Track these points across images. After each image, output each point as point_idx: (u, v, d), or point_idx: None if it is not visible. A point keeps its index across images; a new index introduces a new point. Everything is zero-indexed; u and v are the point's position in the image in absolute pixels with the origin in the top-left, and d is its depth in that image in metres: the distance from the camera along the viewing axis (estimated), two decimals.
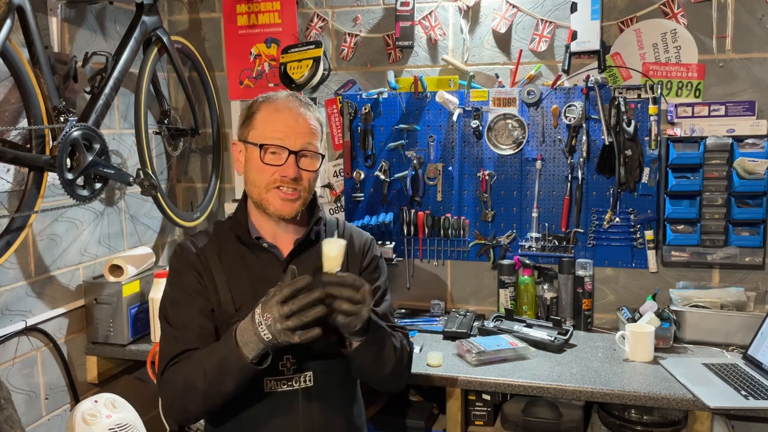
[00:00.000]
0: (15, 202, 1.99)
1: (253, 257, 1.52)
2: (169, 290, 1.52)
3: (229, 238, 1.54)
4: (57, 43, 2.17)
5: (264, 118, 1.49)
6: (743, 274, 2.35)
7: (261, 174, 1.46)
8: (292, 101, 1.51)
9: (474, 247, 2.60)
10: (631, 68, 2.39)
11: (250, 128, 1.50)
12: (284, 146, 1.45)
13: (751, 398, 1.80)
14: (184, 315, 1.47)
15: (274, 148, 1.45)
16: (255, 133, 1.48)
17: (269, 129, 1.47)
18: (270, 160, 1.45)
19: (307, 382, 1.47)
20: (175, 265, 1.53)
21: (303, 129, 1.48)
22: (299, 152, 1.46)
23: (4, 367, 2.02)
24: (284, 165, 1.45)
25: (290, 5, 2.68)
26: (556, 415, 2.12)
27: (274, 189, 1.47)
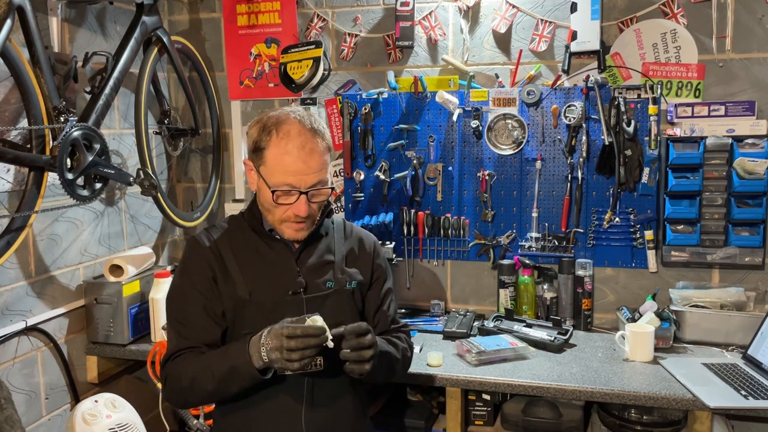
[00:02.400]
0: (15, 202, 1.99)
1: (265, 246, 1.58)
2: (178, 282, 1.58)
3: (243, 229, 1.61)
4: (57, 43, 2.18)
5: (274, 158, 1.49)
6: (743, 274, 2.35)
7: (274, 209, 1.52)
8: (302, 136, 1.50)
9: (474, 247, 2.60)
10: (631, 68, 2.39)
11: (260, 162, 1.52)
12: (296, 188, 1.49)
13: (751, 398, 1.80)
14: (189, 310, 1.53)
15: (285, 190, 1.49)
16: (266, 171, 1.51)
17: (280, 172, 1.49)
18: (282, 200, 1.50)
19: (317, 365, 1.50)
20: (187, 259, 1.59)
21: (313, 168, 1.50)
22: (309, 191, 1.50)
23: (4, 367, 2.02)
24: (295, 204, 1.50)
25: (290, 5, 2.68)
26: (556, 415, 2.12)
27: (285, 222, 1.53)
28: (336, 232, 1.68)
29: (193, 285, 1.54)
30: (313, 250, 1.61)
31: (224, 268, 1.55)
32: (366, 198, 2.68)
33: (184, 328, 1.53)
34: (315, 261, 1.60)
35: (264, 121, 1.54)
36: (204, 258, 1.56)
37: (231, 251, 1.57)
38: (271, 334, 1.37)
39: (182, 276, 1.58)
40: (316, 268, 1.59)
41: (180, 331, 1.53)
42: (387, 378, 1.65)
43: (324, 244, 1.63)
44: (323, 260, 1.61)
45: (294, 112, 1.54)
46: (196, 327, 1.52)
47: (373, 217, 2.64)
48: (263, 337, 1.39)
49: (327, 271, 1.60)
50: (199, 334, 1.52)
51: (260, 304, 1.52)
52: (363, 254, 1.68)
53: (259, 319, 1.50)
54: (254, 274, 1.55)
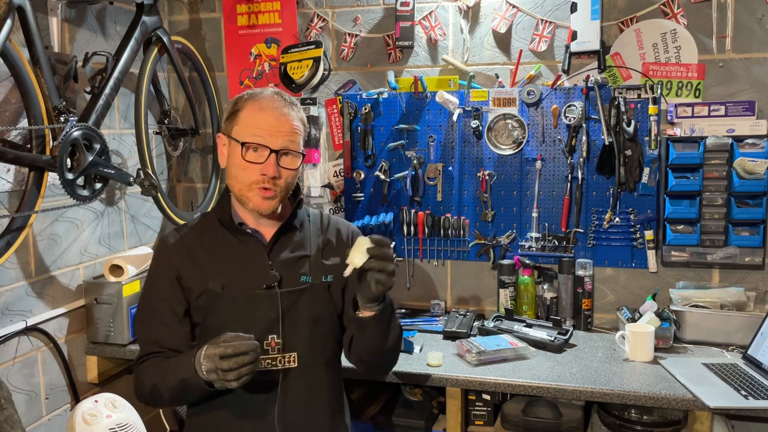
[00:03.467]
0: (15, 202, 1.99)
1: (236, 241, 1.58)
2: (145, 285, 1.62)
3: (213, 225, 1.61)
4: (57, 43, 2.18)
5: (248, 116, 1.52)
6: (743, 274, 2.35)
7: (243, 171, 1.50)
8: (276, 100, 1.54)
9: (474, 247, 2.60)
10: (631, 68, 2.39)
11: (233, 124, 1.53)
12: (266, 145, 1.49)
13: (751, 398, 1.80)
14: (153, 314, 1.56)
15: (255, 146, 1.49)
16: (238, 130, 1.52)
17: (252, 127, 1.50)
18: (251, 158, 1.49)
19: (291, 362, 1.53)
20: (154, 261, 1.62)
21: (285, 128, 1.51)
22: (280, 151, 1.50)
23: (4, 367, 2.02)
24: (265, 163, 1.49)
25: (290, 5, 2.68)
26: (556, 415, 2.12)
27: (255, 188, 1.51)
28: (312, 224, 1.66)
29: (156, 289, 1.57)
30: (286, 243, 1.59)
31: (193, 263, 1.55)
32: (366, 198, 2.68)
33: (149, 332, 1.56)
34: (288, 255, 1.58)
35: (240, 95, 1.58)
36: (167, 259, 1.58)
37: (201, 246, 1.57)
38: (207, 355, 1.38)
39: (148, 280, 1.62)
40: (291, 262, 1.58)
41: (145, 335, 1.57)
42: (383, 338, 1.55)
43: (298, 237, 1.62)
44: (297, 254, 1.59)
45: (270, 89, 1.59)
46: (159, 332, 1.55)
47: (373, 217, 2.64)
48: (201, 356, 1.39)
49: (302, 265, 1.59)
50: (163, 338, 1.54)
51: (233, 299, 1.53)
52: (341, 244, 1.66)
53: (233, 313, 1.52)
54: (226, 268, 1.55)
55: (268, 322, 1.52)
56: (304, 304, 1.55)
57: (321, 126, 2.72)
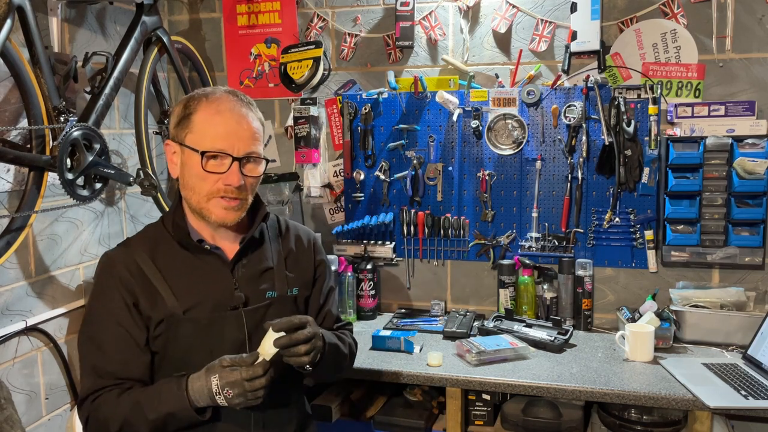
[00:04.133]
0: (15, 202, 1.99)
1: (195, 260, 1.45)
2: (93, 312, 1.43)
3: (164, 240, 1.46)
4: (57, 43, 2.17)
5: (203, 121, 1.37)
6: (743, 274, 2.35)
7: (202, 182, 1.37)
8: (233, 100, 1.41)
9: (474, 247, 2.60)
10: (631, 68, 2.39)
11: (187, 131, 1.39)
12: (227, 152, 1.36)
13: (751, 398, 1.80)
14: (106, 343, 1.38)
15: (216, 155, 1.36)
16: (194, 138, 1.38)
17: (210, 134, 1.36)
18: (212, 168, 1.36)
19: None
20: (101, 283, 1.43)
21: (246, 133, 1.39)
22: (243, 158, 1.38)
23: (4, 367, 2.02)
24: (227, 173, 1.36)
25: (290, 5, 2.68)
26: (556, 415, 2.12)
27: (215, 198, 1.39)
28: (271, 234, 1.55)
29: (110, 314, 1.39)
30: (249, 258, 1.48)
31: (149, 287, 1.40)
32: (366, 198, 2.68)
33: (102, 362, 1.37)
34: (252, 270, 1.47)
35: (190, 95, 1.43)
36: (121, 281, 1.40)
37: (155, 267, 1.42)
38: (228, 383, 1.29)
39: (96, 303, 1.42)
40: (254, 278, 1.47)
41: (97, 366, 1.38)
42: (335, 372, 1.57)
43: (260, 250, 1.51)
44: (261, 267, 1.49)
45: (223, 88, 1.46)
46: (115, 361, 1.37)
47: (373, 217, 2.64)
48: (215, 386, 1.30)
49: (266, 279, 1.49)
50: (122, 369, 1.38)
51: (196, 322, 1.40)
52: (302, 252, 1.58)
53: (196, 338, 1.40)
54: (185, 290, 1.41)
55: (235, 344, 1.42)
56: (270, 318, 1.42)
57: (321, 126, 2.72)
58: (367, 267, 2.59)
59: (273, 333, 1.31)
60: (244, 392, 1.29)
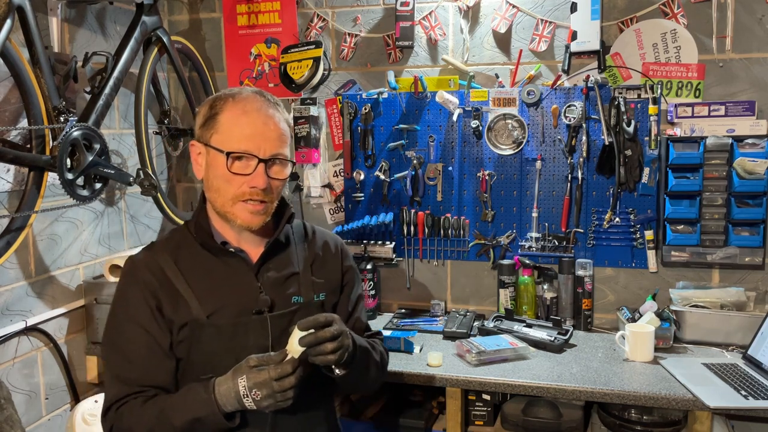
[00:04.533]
0: (15, 202, 1.99)
1: (219, 263, 1.41)
2: (116, 317, 1.39)
3: (188, 244, 1.43)
4: (57, 43, 2.18)
5: (230, 121, 1.35)
6: (743, 274, 2.35)
7: (227, 184, 1.35)
8: (260, 101, 1.38)
9: (474, 247, 2.60)
10: (631, 68, 2.39)
11: (212, 131, 1.37)
12: (253, 154, 1.33)
13: (751, 398, 1.80)
14: (131, 349, 1.35)
15: (242, 156, 1.34)
16: (219, 138, 1.35)
17: (236, 134, 1.34)
18: (237, 169, 1.34)
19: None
20: (125, 288, 1.40)
21: (273, 134, 1.36)
22: (269, 160, 1.35)
23: (4, 367, 2.02)
24: (253, 174, 1.34)
25: (290, 5, 2.68)
26: (556, 415, 2.12)
27: (241, 202, 1.36)
28: (296, 238, 1.51)
29: (134, 319, 1.35)
30: (274, 261, 1.44)
31: (173, 291, 1.37)
32: (366, 198, 2.68)
33: (127, 369, 1.34)
34: (277, 274, 1.43)
35: (216, 95, 1.41)
36: (145, 285, 1.37)
37: (179, 271, 1.38)
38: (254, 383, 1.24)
39: (120, 308, 1.39)
40: (280, 282, 1.43)
41: (122, 374, 1.34)
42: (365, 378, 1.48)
43: (285, 254, 1.47)
44: (286, 272, 1.45)
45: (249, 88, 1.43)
46: (140, 367, 1.34)
47: (373, 217, 2.64)
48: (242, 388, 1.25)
49: (292, 284, 1.45)
50: (146, 375, 1.34)
51: (219, 327, 1.36)
52: (330, 258, 1.54)
53: (219, 343, 1.36)
54: (209, 294, 1.38)
55: (260, 350, 1.35)
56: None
57: (321, 126, 2.72)
58: (367, 267, 2.59)
59: (299, 331, 1.28)
60: (273, 393, 1.24)
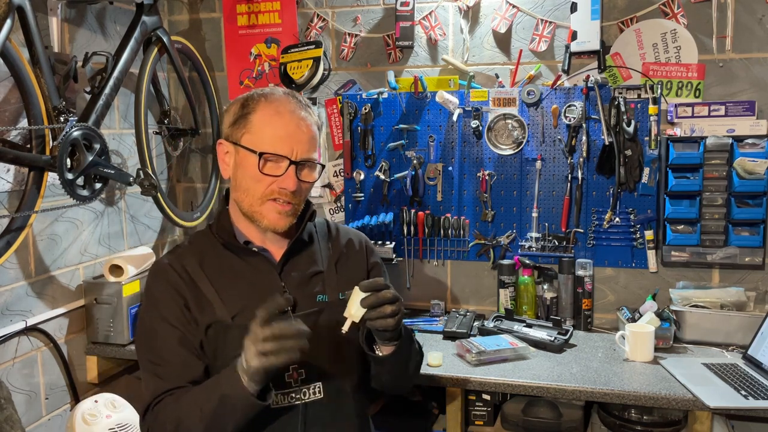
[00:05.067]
0: (15, 202, 1.99)
1: (242, 263, 1.41)
2: (147, 319, 1.39)
3: (211, 246, 1.43)
4: (57, 43, 2.17)
5: (262, 121, 1.35)
6: (743, 274, 2.35)
7: (256, 183, 1.35)
8: (292, 102, 1.39)
9: (474, 247, 2.60)
10: (631, 68, 2.39)
11: (244, 130, 1.37)
12: (285, 156, 1.33)
13: (751, 398, 1.80)
14: (164, 348, 1.34)
15: (273, 157, 1.33)
16: (251, 138, 1.35)
17: (269, 135, 1.34)
18: (269, 170, 1.33)
19: (316, 394, 1.38)
20: (152, 289, 1.40)
21: (305, 137, 1.36)
22: (300, 162, 1.35)
23: (4, 367, 2.02)
24: (284, 176, 1.34)
25: (290, 5, 2.68)
26: (556, 415, 2.12)
27: (269, 201, 1.36)
28: (320, 236, 1.51)
29: (164, 318, 1.35)
30: (298, 260, 1.44)
31: (198, 292, 1.37)
32: (366, 198, 2.68)
33: (161, 368, 1.33)
34: (301, 273, 1.43)
35: (248, 95, 1.42)
36: (172, 285, 1.37)
37: (203, 273, 1.38)
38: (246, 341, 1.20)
39: (149, 309, 1.38)
40: (304, 282, 1.42)
41: (157, 373, 1.33)
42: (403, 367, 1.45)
43: (309, 252, 1.46)
44: (310, 271, 1.44)
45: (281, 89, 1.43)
46: (175, 365, 1.33)
47: (373, 217, 2.64)
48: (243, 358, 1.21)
49: (316, 283, 1.44)
50: (180, 372, 1.33)
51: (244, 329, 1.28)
52: (354, 255, 1.53)
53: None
54: (234, 295, 1.37)
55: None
56: (323, 326, 1.37)
57: (321, 126, 2.72)
58: None
59: (360, 293, 1.27)
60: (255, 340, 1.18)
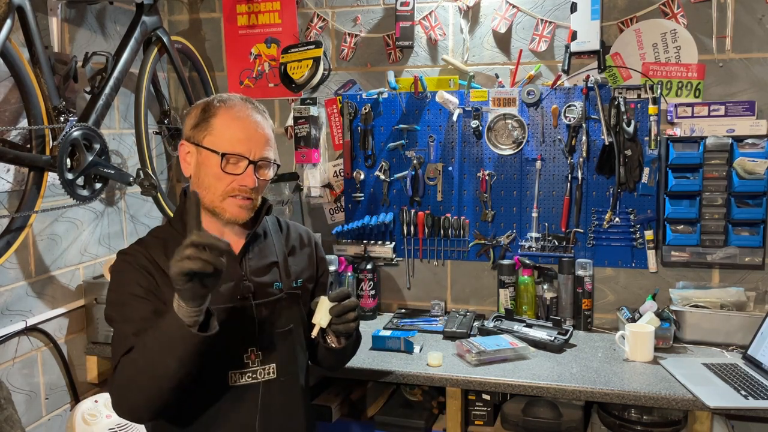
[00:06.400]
0: (15, 202, 1.99)
1: None
2: (115, 294, 1.44)
3: (173, 238, 1.49)
4: (57, 43, 2.18)
5: (223, 125, 1.47)
6: (743, 274, 2.35)
7: (218, 182, 1.46)
8: (249, 108, 1.51)
9: (474, 247, 2.60)
10: (631, 68, 2.39)
11: (205, 133, 1.47)
12: (245, 156, 1.46)
13: (751, 398, 1.80)
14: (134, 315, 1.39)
15: (233, 158, 1.45)
16: (213, 140, 1.46)
17: (228, 137, 1.46)
18: (230, 169, 1.45)
19: (270, 374, 1.52)
20: (120, 269, 1.46)
21: (262, 139, 1.49)
22: (258, 162, 1.48)
23: (4, 367, 2.02)
24: (243, 174, 1.46)
25: (290, 5, 2.68)
26: (556, 415, 2.12)
27: (230, 197, 1.47)
28: (273, 231, 1.64)
29: (132, 293, 1.41)
30: (255, 252, 1.57)
31: (165, 279, 1.42)
32: (366, 198, 2.68)
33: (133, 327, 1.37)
34: (259, 263, 1.56)
35: (208, 100, 1.52)
36: (142, 267, 1.44)
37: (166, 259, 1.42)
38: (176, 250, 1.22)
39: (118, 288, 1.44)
40: (262, 271, 1.56)
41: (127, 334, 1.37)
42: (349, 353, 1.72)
43: (264, 244, 1.60)
44: (266, 261, 1.57)
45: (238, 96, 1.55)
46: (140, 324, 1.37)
47: (373, 217, 2.64)
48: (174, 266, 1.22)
49: (273, 272, 1.58)
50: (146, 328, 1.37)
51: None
52: (304, 249, 1.69)
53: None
54: None
55: (246, 334, 1.50)
56: (278, 313, 1.55)
57: (321, 126, 2.72)
58: (367, 267, 2.59)
59: (327, 302, 1.51)
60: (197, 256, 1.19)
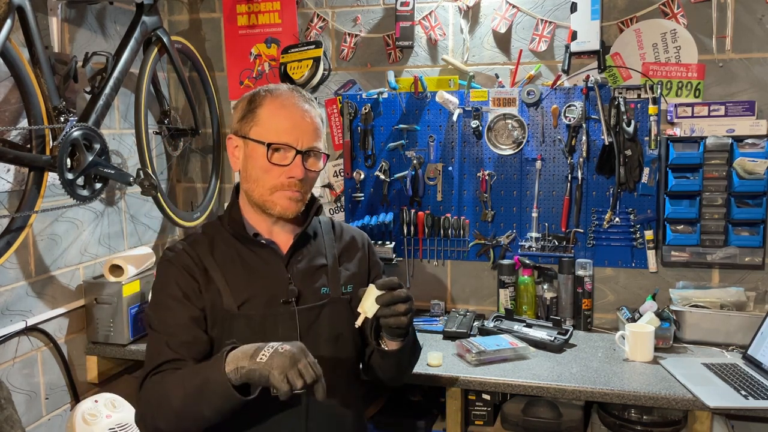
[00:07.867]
0: (15, 202, 1.99)
1: (250, 253, 1.47)
2: (156, 295, 1.44)
3: (221, 236, 1.49)
4: (57, 43, 2.18)
5: (269, 114, 1.43)
6: (743, 274, 2.35)
7: (266, 174, 1.41)
8: (296, 96, 1.46)
9: (474, 247, 2.60)
10: (631, 68, 2.39)
11: (252, 124, 1.44)
12: (292, 146, 1.40)
13: (751, 398, 1.80)
14: (171, 321, 1.39)
15: (280, 147, 1.40)
16: (259, 130, 1.42)
17: (275, 127, 1.41)
18: (277, 160, 1.40)
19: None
20: (164, 268, 1.45)
21: (310, 127, 1.43)
22: (305, 152, 1.42)
23: (4, 367, 2.02)
24: (291, 165, 1.40)
25: (290, 5, 2.68)
26: (556, 414, 2.12)
27: (279, 191, 1.42)
28: (325, 233, 1.57)
29: (173, 295, 1.40)
30: (303, 253, 1.50)
31: (207, 277, 1.42)
32: (366, 198, 2.68)
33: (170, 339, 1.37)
34: (306, 266, 1.49)
35: (254, 92, 1.49)
36: (186, 268, 1.42)
37: (213, 260, 1.44)
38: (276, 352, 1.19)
39: (163, 288, 1.43)
40: (309, 274, 1.49)
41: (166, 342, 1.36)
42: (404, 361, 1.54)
43: (314, 246, 1.53)
44: (315, 264, 1.50)
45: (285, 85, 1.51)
46: (184, 339, 1.37)
47: (373, 217, 2.64)
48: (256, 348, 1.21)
49: (320, 276, 1.50)
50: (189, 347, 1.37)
51: (249, 318, 1.40)
52: (357, 254, 1.59)
53: (248, 333, 1.39)
54: (241, 284, 1.43)
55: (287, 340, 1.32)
56: (324, 320, 1.46)
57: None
58: None
59: (375, 290, 1.34)
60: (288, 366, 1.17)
